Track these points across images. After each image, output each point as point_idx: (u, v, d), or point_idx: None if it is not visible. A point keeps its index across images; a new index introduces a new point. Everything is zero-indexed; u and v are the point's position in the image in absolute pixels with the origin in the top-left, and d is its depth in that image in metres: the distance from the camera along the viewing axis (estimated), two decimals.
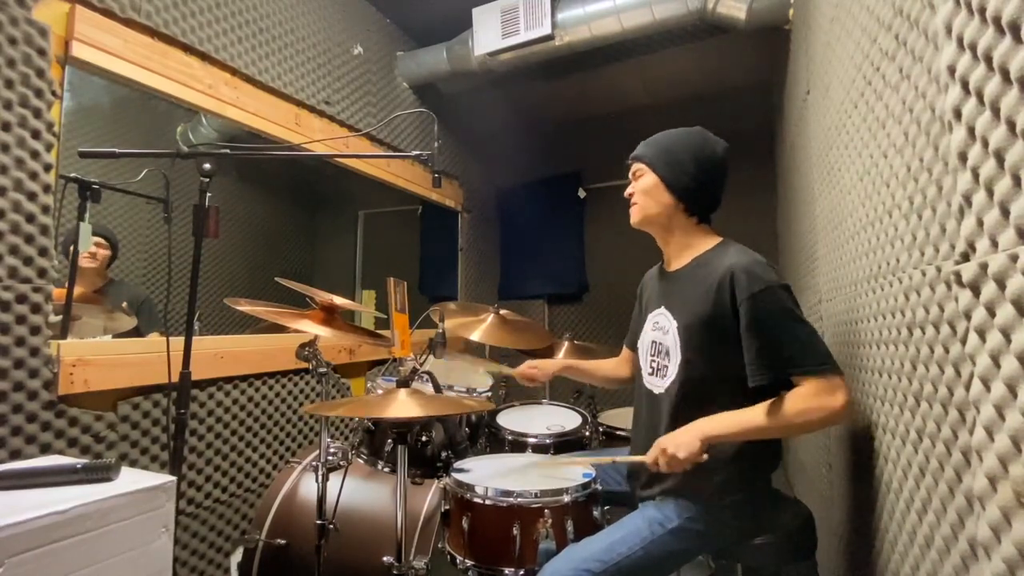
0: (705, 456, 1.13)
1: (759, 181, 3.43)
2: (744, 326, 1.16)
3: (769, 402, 1.14)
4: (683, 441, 1.14)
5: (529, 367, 1.69)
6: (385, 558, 1.36)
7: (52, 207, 1.48)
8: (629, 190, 1.39)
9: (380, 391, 1.75)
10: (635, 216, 1.38)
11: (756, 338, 1.14)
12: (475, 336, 2.15)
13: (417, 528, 1.49)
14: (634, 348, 1.60)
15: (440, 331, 1.64)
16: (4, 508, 0.88)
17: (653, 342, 1.36)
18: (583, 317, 4.15)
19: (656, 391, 1.32)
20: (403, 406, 1.28)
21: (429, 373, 1.60)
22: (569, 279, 4.11)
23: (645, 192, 1.35)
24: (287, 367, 2.21)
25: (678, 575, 1.44)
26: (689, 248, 1.34)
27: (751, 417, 1.14)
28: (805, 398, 1.10)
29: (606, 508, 1.37)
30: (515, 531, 1.24)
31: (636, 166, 1.38)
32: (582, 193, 4.09)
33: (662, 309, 1.35)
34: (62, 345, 1.49)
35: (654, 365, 1.34)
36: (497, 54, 2.77)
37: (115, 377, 1.62)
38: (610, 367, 1.71)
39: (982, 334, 0.61)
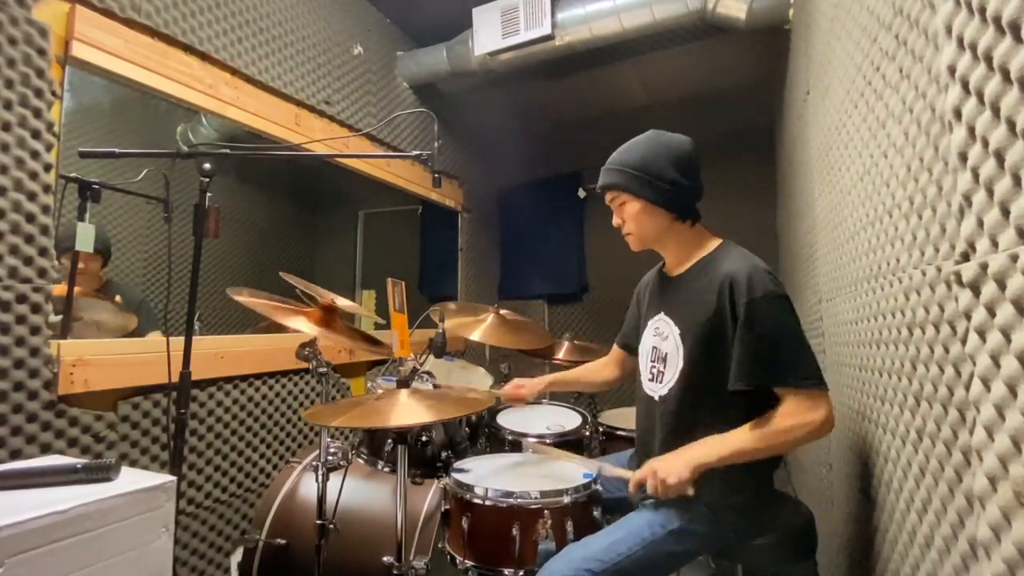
0: (691, 491, 1.12)
1: (759, 181, 3.43)
2: (739, 329, 1.15)
3: (755, 423, 1.14)
4: (675, 467, 1.13)
5: (515, 387, 1.67)
6: (385, 558, 1.36)
7: (52, 207, 1.48)
8: (617, 221, 1.35)
9: (380, 391, 1.74)
10: (634, 245, 1.36)
11: (746, 343, 1.14)
12: (475, 336, 2.15)
13: (417, 528, 1.49)
14: (626, 348, 1.61)
15: (440, 331, 1.64)
16: (4, 508, 0.88)
17: (653, 347, 1.35)
18: (583, 317, 4.15)
19: (655, 396, 1.32)
20: (405, 409, 1.28)
21: (429, 373, 1.60)
22: (569, 279, 4.11)
23: (636, 220, 1.31)
24: (287, 367, 2.21)
25: (678, 575, 1.44)
26: (690, 253, 1.33)
27: (740, 441, 1.14)
28: (788, 416, 1.11)
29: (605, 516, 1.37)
30: (515, 531, 1.24)
31: (612, 194, 1.33)
32: (582, 193, 4.09)
33: (662, 315, 1.34)
34: (62, 345, 1.49)
35: (653, 371, 1.34)
36: (497, 54, 2.78)
37: (115, 377, 1.62)
38: (595, 371, 1.70)
39: (982, 334, 0.61)
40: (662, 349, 1.31)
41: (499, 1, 2.71)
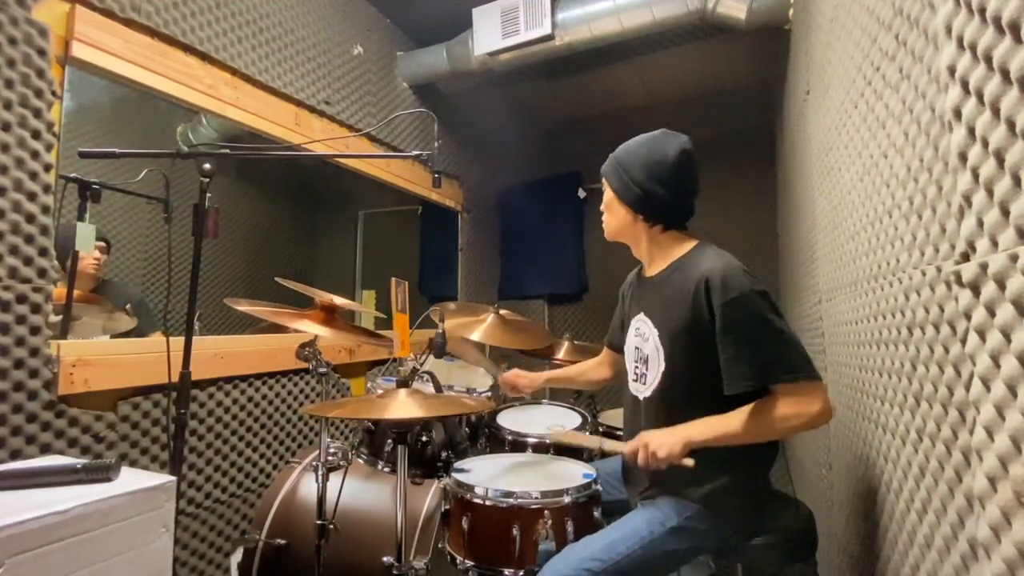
0: (690, 462, 1.12)
1: (759, 181, 3.43)
2: (718, 333, 1.15)
3: (750, 408, 1.14)
4: (666, 441, 1.14)
5: (516, 375, 1.70)
6: (385, 558, 1.36)
7: (52, 207, 1.48)
8: (603, 205, 1.40)
9: (380, 391, 1.74)
10: (605, 232, 1.40)
11: (729, 347, 1.14)
12: (475, 336, 2.15)
13: (417, 528, 1.49)
14: (615, 348, 1.62)
15: (440, 331, 1.64)
16: (4, 508, 0.88)
17: (636, 348, 1.35)
18: (583, 317, 4.15)
19: (640, 396, 1.33)
20: (403, 406, 1.28)
21: (429, 373, 1.60)
22: (569, 279, 4.11)
23: (607, 208, 1.36)
24: (287, 367, 2.20)
25: (678, 575, 1.44)
26: (662, 255, 1.33)
27: (734, 424, 1.14)
28: (783, 406, 1.11)
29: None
30: (515, 532, 1.24)
31: (603, 180, 1.39)
32: (582, 193, 4.09)
33: (642, 316, 1.35)
34: (62, 345, 1.49)
35: (637, 372, 1.34)
36: (497, 54, 2.77)
37: (115, 377, 1.61)
38: (590, 370, 1.72)
39: (982, 334, 0.61)
40: (643, 350, 1.32)
41: (499, 1, 2.71)
